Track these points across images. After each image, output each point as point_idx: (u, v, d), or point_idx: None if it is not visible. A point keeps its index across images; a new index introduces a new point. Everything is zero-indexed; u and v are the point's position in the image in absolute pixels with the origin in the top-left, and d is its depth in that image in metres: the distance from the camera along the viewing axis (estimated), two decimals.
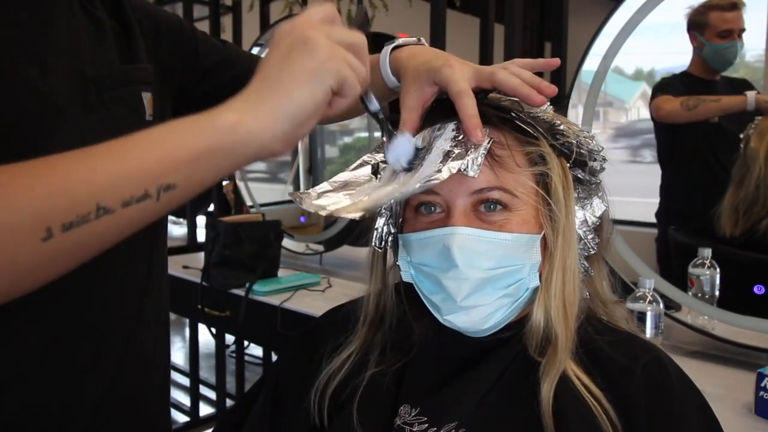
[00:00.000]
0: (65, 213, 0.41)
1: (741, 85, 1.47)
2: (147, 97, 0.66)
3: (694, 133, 1.53)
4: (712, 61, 1.48)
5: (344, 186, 0.65)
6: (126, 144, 0.45)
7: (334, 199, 0.62)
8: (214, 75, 0.80)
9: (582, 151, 0.64)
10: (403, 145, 0.61)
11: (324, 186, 0.65)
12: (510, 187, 0.62)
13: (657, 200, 1.68)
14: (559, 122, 0.65)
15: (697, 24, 1.46)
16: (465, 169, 0.59)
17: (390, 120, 0.63)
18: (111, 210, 0.43)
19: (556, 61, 0.69)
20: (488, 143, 0.61)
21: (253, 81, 0.50)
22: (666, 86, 1.57)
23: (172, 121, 0.47)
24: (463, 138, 0.61)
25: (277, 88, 0.48)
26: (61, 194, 0.41)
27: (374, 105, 0.60)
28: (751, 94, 1.40)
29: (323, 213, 0.60)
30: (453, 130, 0.62)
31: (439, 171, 0.57)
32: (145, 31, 0.71)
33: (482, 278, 0.61)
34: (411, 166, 0.62)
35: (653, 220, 1.68)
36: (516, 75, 0.63)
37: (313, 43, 0.49)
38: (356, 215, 0.58)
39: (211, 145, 0.46)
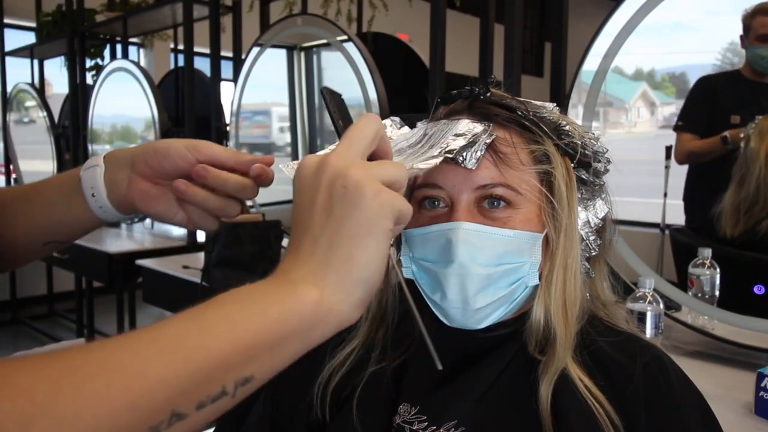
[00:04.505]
0: (138, 427, 0.34)
1: None
2: None
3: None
4: (755, 63, 1.53)
5: None
6: (201, 328, 0.38)
7: None
8: None
9: (587, 152, 0.65)
10: None
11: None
12: (514, 184, 0.62)
13: (656, 201, 1.68)
14: (564, 123, 0.65)
15: (744, 27, 1.52)
16: (463, 161, 0.59)
17: None
18: (183, 415, 0.35)
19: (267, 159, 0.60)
20: (490, 138, 0.61)
21: (300, 242, 0.43)
22: (689, 120, 1.64)
23: (237, 291, 0.41)
24: (467, 133, 0.61)
25: (336, 252, 0.41)
26: (137, 406, 0.34)
27: None
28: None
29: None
30: (459, 126, 0.62)
31: (435, 156, 0.57)
32: None
33: (483, 275, 0.61)
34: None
35: (653, 220, 1.68)
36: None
37: (354, 187, 0.42)
38: None
39: (295, 328, 0.40)
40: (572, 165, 0.65)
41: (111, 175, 0.59)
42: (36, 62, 4.42)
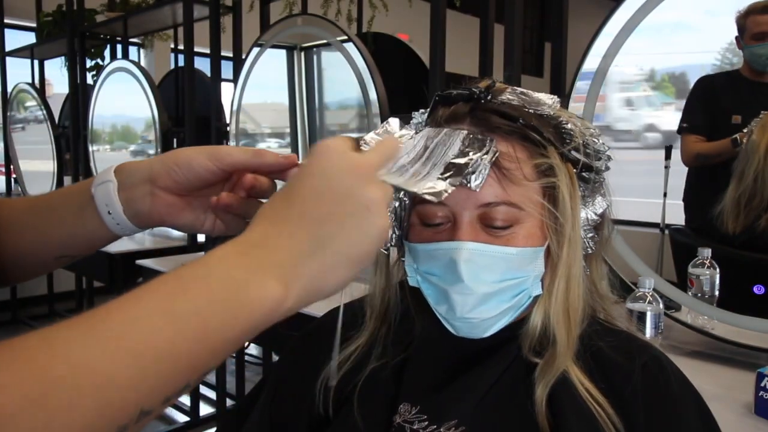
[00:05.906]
0: (108, 428, 0.33)
1: None
2: None
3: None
4: (753, 62, 1.53)
5: None
6: (173, 326, 0.36)
7: None
8: None
9: (588, 151, 0.64)
10: None
11: None
12: (517, 201, 0.61)
13: (656, 200, 1.68)
14: (565, 120, 0.64)
15: (739, 28, 1.52)
16: (467, 183, 0.58)
17: None
18: (150, 411, 0.35)
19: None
20: (493, 156, 0.59)
21: (289, 218, 0.42)
22: (692, 121, 1.63)
23: (208, 277, 0.39)
24: (469, 150, 0.59)
25: (319, 263, 0.41)
26: (107, 406, 0.33)
27: None
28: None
29: None
30: (461, 140, 0.60)
31: (442, 184, 0.54)
32: None
33: (487, 292, 0.61)
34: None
35: (653, 220, 1.68)
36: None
37: (375, 216, 0.41)
38: None
39: (256, 326, 0.39)
40: (575, 171, 0.64)
41: (127, 191, 0.56)
42: (36, 62, 4.42)
